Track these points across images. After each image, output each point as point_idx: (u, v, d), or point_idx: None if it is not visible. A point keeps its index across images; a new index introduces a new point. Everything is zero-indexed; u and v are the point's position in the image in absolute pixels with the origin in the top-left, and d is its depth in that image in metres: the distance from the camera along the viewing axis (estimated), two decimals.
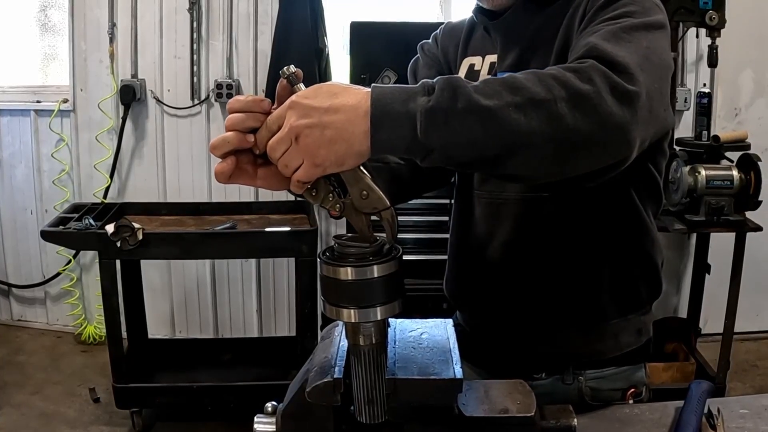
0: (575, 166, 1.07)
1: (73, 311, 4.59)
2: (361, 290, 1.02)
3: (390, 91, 1.01)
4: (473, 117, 0.98)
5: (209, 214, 3.78)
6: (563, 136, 1.00)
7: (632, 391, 1.52)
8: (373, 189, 1.04)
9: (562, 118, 0.99)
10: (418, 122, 0.98)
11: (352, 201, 1.05)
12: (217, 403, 3.53)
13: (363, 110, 0.99)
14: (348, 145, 0.99)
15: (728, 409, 1.38)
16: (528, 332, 1.52)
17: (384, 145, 1.00)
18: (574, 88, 1.00)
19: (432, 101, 0.99)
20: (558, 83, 1.01)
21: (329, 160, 1.00)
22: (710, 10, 3.47)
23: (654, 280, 1.52)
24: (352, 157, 1.00)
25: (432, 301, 3.18)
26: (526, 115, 0.99)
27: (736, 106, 4.31)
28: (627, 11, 1.22)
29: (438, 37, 1.67)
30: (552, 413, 1.15)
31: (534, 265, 1.47)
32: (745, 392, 3.88)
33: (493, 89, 1.00)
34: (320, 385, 1.06)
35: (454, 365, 1.07)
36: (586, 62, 1.05)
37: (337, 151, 0.99)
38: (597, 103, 1.01)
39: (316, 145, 0.99)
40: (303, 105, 1.00)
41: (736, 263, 3.48)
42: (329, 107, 0.99)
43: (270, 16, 4.16)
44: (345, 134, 0.99)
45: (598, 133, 1.02)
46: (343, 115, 0.99)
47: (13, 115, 4.51)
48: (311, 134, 0.98)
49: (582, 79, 1.01)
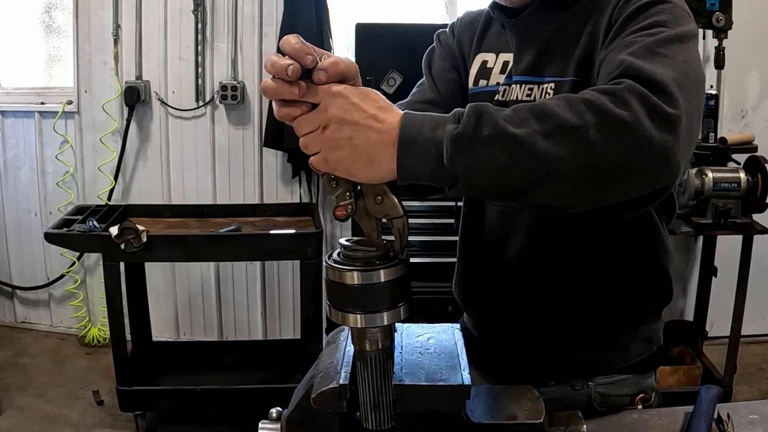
0: (612, 195, 1.02)
1: (76, 313, 4.58)
2: (368, 295, 1.01)
3: (420, 118, 0.99)
4: (498, 145, 0.95)
5: (213, 217, 3.78)
6: (595, 164, 0.95)
7: (641, 397, 1.50)
8: (388, 195, 1.03)
9: (593, 145, 0.94)
10: (444, 149, 0.96)
11: (366, 204, 1.04)
12: (220, 407, 3.52)
13: (395, 133, 0.98)
14: (369, 161, 0.98)
15: (738, 414, 1.37)
16: (537, 342, 1.50)
17: (409, 172, 0.98)
18: (607, 113, 0.95)
19: (459, 128, 0.96)
20: (590, 108, 0.96)
21: (343, 165, 0.98)
22: (717, 11, 3.46)
23: (665, 290, 1.50)
24: (367, 175, 0.99)
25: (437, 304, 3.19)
26: (555, 143, 0.94)
27: (742, 108, 4.30)
28: (659, 20, 1.17)
29: (455, 27, 1.64)
30: (561, 420, 1.14)
31: (546, 275, 1.46)
32: (751, 396, 3.86)
33: (520, 117, 0.96)
34: (326, 392, 1.05)
35: (461, 371, 1.06)
36: (622, 83, 0.99)
37: (356, 161, 0.98)
38: (634, 129, 0.95)
39: (340, 143, 0.97)
40: (350, 100, 0.97)
41: (743, 266, 3.46)
42: (373, 115, 0.98)
43: (275, 18, 4.15)
44: (372, 149, 0.97)
45: (636, 159, 0.96)
46: (379, 128, 0.98)
47: (17, 116, 4.51)
48: (340, 133, 0.97)
49: (617, 103, 0.96)
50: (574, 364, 1.49)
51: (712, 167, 3.42)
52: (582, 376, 1.49)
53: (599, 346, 1.49)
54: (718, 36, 3.54)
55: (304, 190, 4.32)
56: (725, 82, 3.87)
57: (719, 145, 3.54)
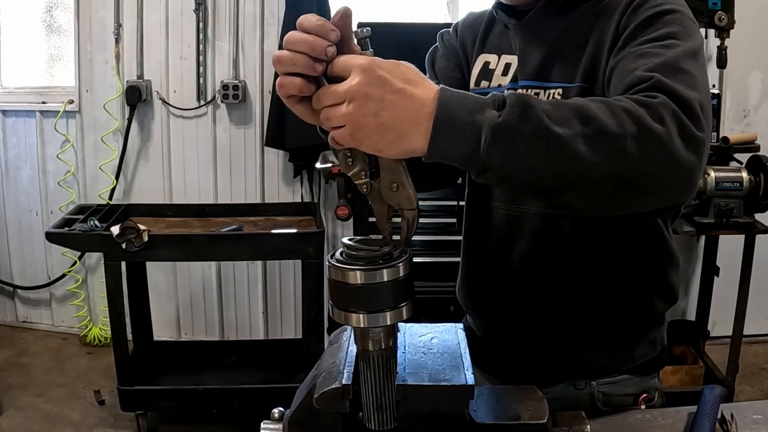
0: (632, 205, 1.03)
1: (78, 313, 4.58)
2: (371, 294, 1.00)
3: (458, 97, 0.97)
4: (540, 142, 0.94)
5: (215, 216, 3.77)
6: (626, 174, 0.96)
7: (644, 397, 1.50)
8: (404, 185, 1.00)
9: (629, 155, 0.95)
10: (483, 136, 0.94)
11: (381, 188, 1.02)
12: (222, 406, 3.52)
13: (428, 109, 0.95)
14: (397, 137, 0.95)
15: (741, 414, 1.36)
16: (541, 344, 1.50)
17: (441, 152, 0.96)
18: (645, 126, 0.96)
19: (502, 117, 0.94)
20: (630, 118, 0.96)
21: (370, 141, 0.95)
22: (719, 10, 3.45)
23: (669, 294, 1.50)
24: (395, 151, 0.96)
25: (439, 304, 3.19)
26: (594, 148, 0.95)
27: (744, 108, 4.29)
28: (670, 32, 1.17)
29: (458, 27, 1.63)
30: (564, 420, 1.14)
31: (550, 278, 1.45)
32: (753, 396, 3.86)
33: (563, 115, 0.96)
34: (328, 392, 1.04)
35: (465, 371, 1.05)
36: (657, 98, 1.00)
37: (383, 137, 0.95)
38: (666, 145, 0.97)
39: (366, 120, 0.94)
40: (377, 74, 0.94)
41: (745, 266, 3.46)
42: (400, 90, 0.94)
43: (276, 17, 4.15)
44: (400, 125, 0.94)
45: (663, 175, 0.98)
46: (408, 104, 0.94)
47: (19, 116, 4.51)
48: (367, 107, 0.93)
49: (654, 118, 0.97)
50: (577, 366, 1.49)
51: (715, 167, 3.42)
52: (585, 377, 1.48)
53: (603, 349, 1.48)
54: (721, 35, 3.53)
55: (306, 189, 4.31)
56: (727, 81, 3.87)
57: (721, 145, 3.54)
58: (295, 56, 0.96)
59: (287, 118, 3.93)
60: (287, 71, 0.98)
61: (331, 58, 0.96)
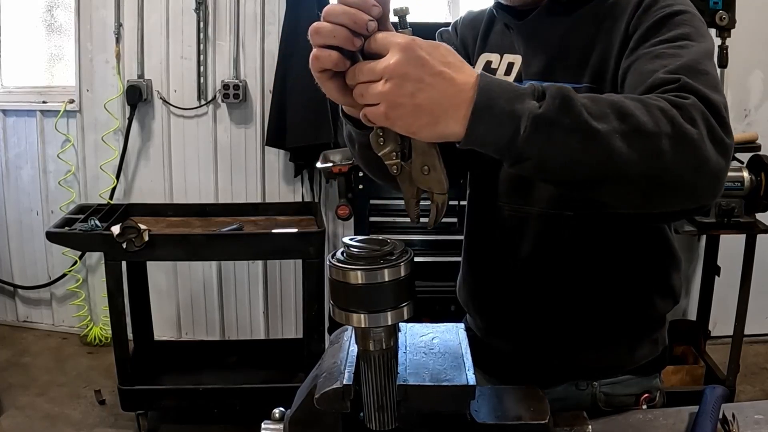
0: (660, 204, 1.03)
1: (78, 312, 4.58)
2: (372, 294, 1.00)
3: (498, 84, 0.96)
4: (578, 136, 0.94)
5: (216, 216, 3.77)
6: (659, 173, 0.97)
7: (646, 396, 1.50)
8: (436, 168, 0.99)
9: (663, 154, 0.96)
10: (522, 126, 0.93)
11: (411, 170, 1.01)
12: (222, 406, 3.52)
13: (467, 94, 0.93)
14: (433, 120, 0.93)
15: (743, 414, 1.36)
16: (543, 345, 1.49)
17: (477, 139, 0.95)
18: (679, 127, 0.97)
19: (542, 108, 0.94)
20: (665, 117, 0.97)
21: (404, 121, 0.94)
22: (720, 10, 3.45)
23: (672, 294, 1.50)
24: (429, 133, 0.95)
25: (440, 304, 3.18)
26: (630, 145, 0.95)
27: (745, 107, 4.29)
28: (683, 33, 1.18)
29: (458, 26, 1.62)
30: (566, 420, 1.14)
31: (553, 279, 1.44)
32: (754, 395, 3.86)
33: (601, 110, 0.96)
34: (329, 392, 1.04)
35: (466, 371, 1.05)
36: (688, 99, 1.01)
37: (419, 119, 0.93)
38: (698, 146, 0.98)
39: (402, 100, 0.92)
40: (416, 53, 0.93)
41: (746, 265, 3.45)
42: (439, 72, 0.93)
43: (277, 17, 4.15)
44: (437, 108, 0.93)
45: (693, 176, 0.99)
46: (446, 87, 0.93)
47: (19, 115, 4.50)
48: (404, 87, 0.92)
49: (686, 118, 0.98)
50: (579, 366, 1.48)
51: None
52: (587, 378, 1.48)
53: (606, 349, 1.48)
54: (722, 35, 3.52)
55: (306, 189, 4.31)
56: (728, 81, 3.86)
57: None
58: (336, 28, 0.95)
59: (288, 117, 3.93)
60: (325, 43, 0.97)
61: (371, 33, 0.95)
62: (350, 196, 3.54)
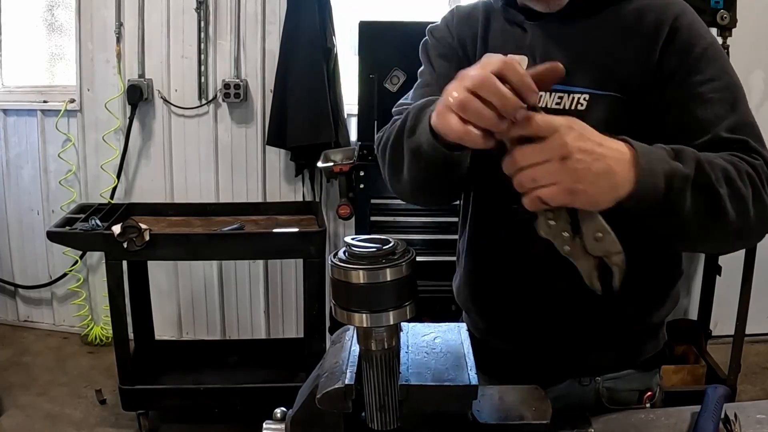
0: (724, 249, 1.23)
1: (79, 312, 4.58)
2: (373, 294, 1.00)
3: (644, 146, 1.06)
4: (703, 197, 1.08)
5: (216, 215, 3.77)
6: (744, 229, 1.13)
7: (648, 395, 1.50)
8: (607, 231, 1.00)
9: (749, 215, 1.12)
10: (674, 186, 1.05)
11: (585, 242, 1.01)
12: (223, 406, 3.52)
13: (628, 157, 1.02)
14: (611, 184, 0.99)
15: (745, 414, 1.36)
16: (548, 345, 1.49)
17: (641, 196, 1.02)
18: (758, 190, 1.14)
19: (686, 169, 1.06)
20: (750, 181, 1.13)
21: (587, 193, 0.97)
22: (721, 9, 3.44)
23: (674, 302, 1.51)
24: (609, 198, 1.00)
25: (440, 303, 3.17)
26: (733, 207, 1.10)
27: None
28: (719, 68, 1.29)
29: (452, 24, 1.56)
30: (568, 420, 1.13)
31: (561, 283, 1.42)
32: (755, 395, 3.86)
33: (716, 175, 1.09)
34: (331, 392, 1.04)
35: (468, 371, 1.05)
36: (758, 161, 1.17)
37: (600, 186, 0.98)
38: (766, 206, 1.15)
39: (584, 174, 0.96)
40: (581, 128, 0.98)
41: (748, 265, 3.44)
42: (601, 143, 0.99)
43: (278, 16, 4.14)
44: (611, 173, 0.99)
45: (762, 230, 1.19)
46: (613, 153, 1.00)
47: (20, 115, 4.50)
48: (584, 160, 0.96)
49: (760, 181, 1.15)
50: (582, 363, 1.49)
51: None
52: (590, 374, 1.49)
53: (609, 348, 1.48)
54: (723, 34, 3.51)
55: (307, 188, 4.31)
56: None
57: None
58: (483, 111, 0.95)
59: (289, 117, 3.93)
60: (469, 120, 0.97)
61: (518, 120, 0.95)
62: (351, 195, 3.54)
